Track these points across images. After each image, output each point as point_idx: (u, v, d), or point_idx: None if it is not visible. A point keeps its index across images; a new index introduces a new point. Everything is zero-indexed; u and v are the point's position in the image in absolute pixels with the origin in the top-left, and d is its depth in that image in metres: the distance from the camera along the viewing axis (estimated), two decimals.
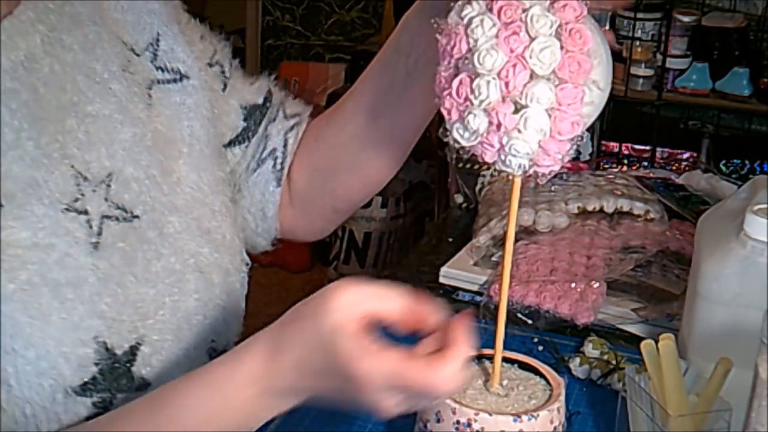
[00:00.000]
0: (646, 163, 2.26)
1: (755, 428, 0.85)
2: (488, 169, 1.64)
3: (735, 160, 2.24)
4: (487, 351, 1.01)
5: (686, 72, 2.29)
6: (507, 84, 0.83)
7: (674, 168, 2.09)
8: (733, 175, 2.12)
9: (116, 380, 0.87)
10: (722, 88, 2.27)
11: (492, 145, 0.86)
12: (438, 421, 0.93)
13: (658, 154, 2.30)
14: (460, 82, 0.85)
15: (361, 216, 2.99)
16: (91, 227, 0.88)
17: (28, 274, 0.83)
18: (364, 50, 3.29)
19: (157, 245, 0.94)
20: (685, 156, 2.30)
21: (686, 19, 2.31)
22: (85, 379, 0.85)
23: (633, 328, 1.27)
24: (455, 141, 0.88)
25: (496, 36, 0.84)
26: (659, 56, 2.27)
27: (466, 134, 0.87)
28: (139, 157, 0.95)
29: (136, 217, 0.93)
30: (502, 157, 0.87)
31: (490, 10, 0.85)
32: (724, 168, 2.22)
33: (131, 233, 0.92)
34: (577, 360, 1.17)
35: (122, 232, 0.91)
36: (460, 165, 1.68)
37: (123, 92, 0.96)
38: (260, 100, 1.12)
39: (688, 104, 2.37)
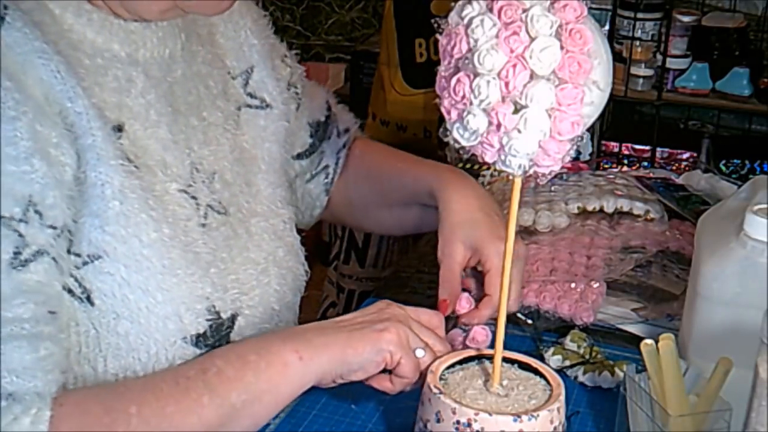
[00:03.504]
0: (646, 163, 2.26)
1: (755, 428, 0.85)
2: (488, 169, 1.64)
3: (735, 160, 2.24)
4: (487, 351, 1.01)
5: (686, 72, 2.29)
6: (507, 84, 0.83)
7: (674, 168, 2.09)
8: (733, 175, 2.11)
9: (219, 341, 1.00)
10: (722, 88, 2.27)
11: (492, 145, 0.86)
12: (438, 421, 0.93)
13: (658, 154, 2.30)
14: (458, 81, 0.85)
15: None
16: (199, 210, 1.02)
17: (168, 228, 0.97)
18: (364, 50, 3.28)
19: (244, 239, 1.08)
20: (685, 156, 2.30)
21: (686, 19, 2.31)
22: (199, 332, 0.98)
23: (633, 328, 1.27)
24: (455, 141, 0.88)
25: (496, 36, 0.84)
26: (659, 56, 2.27)
27: (466, 134, 0.87)
28: (233, 166, 1.09)
29: (229, 214, 1.06)
30: (502, 157, 0.87)
31: (491, 10, 0.85)
32: (724, 168, 2.22)
33: (227, 225, 1.05)
34: (551, 350, 1.18)
35: (222, 222, 1.05)
36: (460, 165, 1.68)
37: (223, 108, 1.10)
38: (323, 117, 1.30)
39: (688, 104, 2.37)
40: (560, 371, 1.14)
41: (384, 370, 0.97)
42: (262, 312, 1.07)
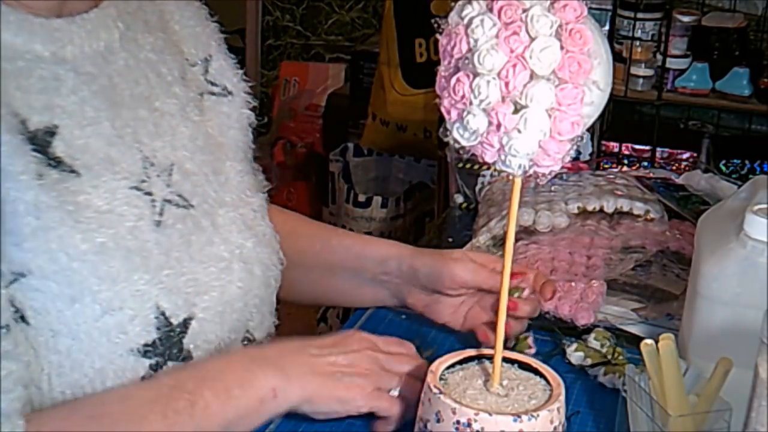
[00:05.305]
0: (646, 163, 2.26)
1: (755, 428, 0.85)
2: (488, 169, 1.64)
3: (735, 160, 2.24)
4: (487, 351, 1.01)
5: (686, 72, 2.29)
6: (507, 84, 0.83)
7: (674, 168, 2.09)
8: (733, 175, 2.11)
9: (170, 348, 0.96)
10: (722, 88, 2.27)
11: (492, 145, 0.86)
12: (438, 421, 0.93)
13: (658, 154, 2.30)
14: (457, 80, 0.85)
15: (361, 216, 2.98)
16: (154, 207, 0.98)
17: (103, 237, 0.92)
18: (364, 50, 3.28)
19: (209, 233, 1.03)
20: (685, 156, 2.30)
21: (686, 19, 2.30)
22: (147, 341, 0.94)
23: (633, 328, 1.27)
24: (455, 141, 0.88)
25: (497, 36, 0.84)
26: (659, 56, 2.27)
27: (466, 134, 0.87)
28: (195, 155, 1.05)
29: (192, 206, 1.02)
30: (502, 157, 0.87)
31: (491, 10, 0.85)
32: (724, 168, 2.22)
33: (188, 219, 1.01)
34: (574, 346, 1.18)
35: (181, 217, 1.00)
36: (460, 165, 1.68)
37: (181, 96, 1.07)
38: None
39: (688, 104, 2.37)
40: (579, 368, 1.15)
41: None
42: (221, 312, 1.02)
